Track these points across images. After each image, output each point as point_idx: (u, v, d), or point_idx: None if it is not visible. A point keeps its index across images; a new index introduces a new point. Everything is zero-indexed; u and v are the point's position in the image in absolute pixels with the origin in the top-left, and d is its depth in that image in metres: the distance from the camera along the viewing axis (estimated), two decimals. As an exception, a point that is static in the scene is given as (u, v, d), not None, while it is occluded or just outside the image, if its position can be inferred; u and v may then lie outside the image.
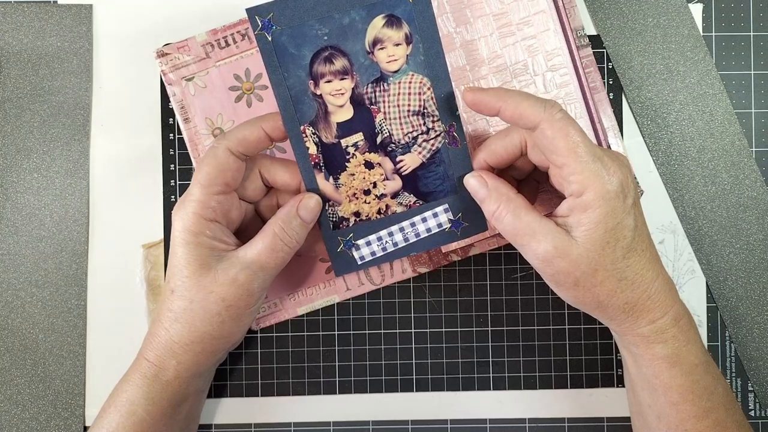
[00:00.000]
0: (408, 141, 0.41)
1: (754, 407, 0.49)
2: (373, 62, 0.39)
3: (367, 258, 0.43)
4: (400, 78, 0.40)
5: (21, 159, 0.48)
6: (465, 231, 0.43)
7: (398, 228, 0.42)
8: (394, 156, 0.41)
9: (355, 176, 0.41)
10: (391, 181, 0.42)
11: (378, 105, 0.40)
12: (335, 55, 0.39)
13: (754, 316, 0.48)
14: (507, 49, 0.45)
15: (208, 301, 0.39)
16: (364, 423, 0.49)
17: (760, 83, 0.49)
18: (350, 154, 0.41)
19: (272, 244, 0.40)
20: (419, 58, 0.39)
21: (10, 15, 0.48)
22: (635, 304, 0.38)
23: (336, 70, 0.39)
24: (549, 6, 0.45)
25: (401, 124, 0.41)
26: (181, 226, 0.39)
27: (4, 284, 0.48)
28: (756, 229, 0.48)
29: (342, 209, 0.42)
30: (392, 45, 0.39)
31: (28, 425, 0.48)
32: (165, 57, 0.47)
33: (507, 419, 0.49)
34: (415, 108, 0.40)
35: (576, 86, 0.45)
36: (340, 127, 0.41)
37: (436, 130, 0.41)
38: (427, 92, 0.40)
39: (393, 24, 0.39)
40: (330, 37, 0.39)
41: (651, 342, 0.39)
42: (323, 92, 0.40)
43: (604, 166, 0.37)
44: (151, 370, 0.40)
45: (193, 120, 0.47)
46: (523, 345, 0.49)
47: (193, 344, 0.40)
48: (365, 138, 0.41)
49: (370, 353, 0.49)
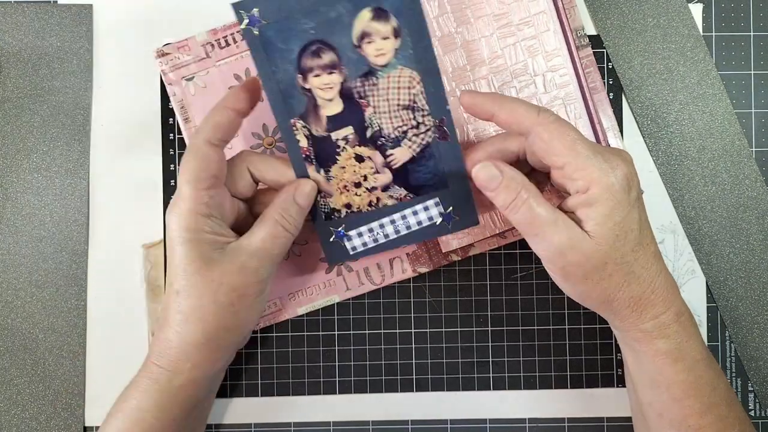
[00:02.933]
0: (398, 135, 0.41)
1: (754, 407, 0.49)
2: (361, 56, 0.39)
3: (359, 248, 0.43)
4: (389, 72, 0.39)
5: (21, 159, 0.48)
6: (456, 224, 0.43)
7: (389, 220, 0.42)
8: (384, 150, 0.41)
9: (345, 169, 0.41)
10: (382, 174, 0.42)
11: (367, 99, 0.40)
12: (323, 49, 0.39)
13: (754, 316, 0.48)
14: (507, 49, 0.45)
15: (218, 294, 0.39)
16: (364, 423, 0.49)
17: (760, 83, 0.49)
18: (341, 147, 0.41)
19: (274, 231, 0.40)
20: (408, 52, 0.39)
21: (10, 15, 0.48)
22: (640, 298, 0.38)
23: (324, 64, 0.39)
24: (549, 6, 0.45)
25: (391, 118, 0.40)
26: (177, 226, 0.39)
27: (4, 284, 0.48)
28: (756, 229, 0.48)
29: (333, 201, 0.42)
30: (380, 39, 0.39)
31: (28, 425, 0.48)
32: (165, 57, 0.47)
33: (507, 419, 0.49)
34: (404, 102, 0.40)
35: (576, 86, 0.45)
36: (330, 121, 0.40)
37: (426, 124, 0.40)
38: (417, 86, 0.40)
39: (380, 17, 0.38)
40: (317, 31, 0.38)
41: (654, 338, 0.39)
42: (312, 86, 0.40)
43: (606, 160, 0.37)
44: (163, 375, 0.40)
45: (193, 120, 0.47)
46: (523, 345, 0.49)
47: (208, 342, 0.39)
48: (355, 131, 0.41)
49: (370, 353, 0.49)
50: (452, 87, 0.46)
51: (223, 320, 0.39)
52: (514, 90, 0.45)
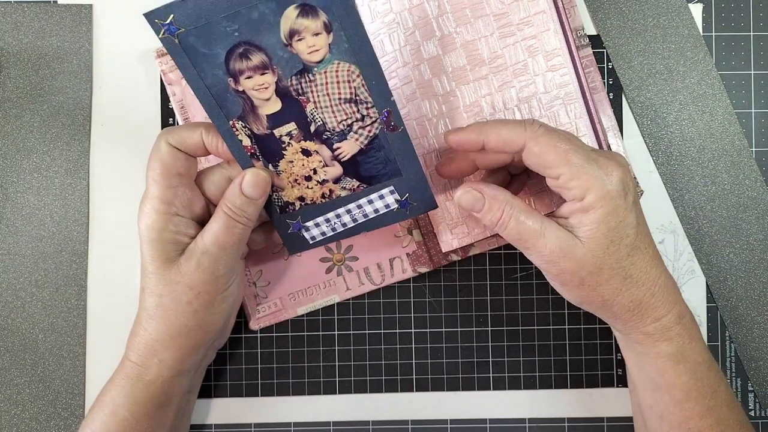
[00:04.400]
0: (343, 128, 0.40)
1: (754, 407, 0.49)
2: (293, 54, 0.37)
3: (318, 238, 0.43)
4: (326, 67, 0.38)
5: (21, 159, 0.48)
6: (414, 210, 0.42)
7: (345, 210, 0.42)
8: (330, 143, 0.40)
9: (294, 163, 0.41)
10: (331, 167, 0.41)
11: (306, 95, 0.39)
12: (250, 50, 0.37)
13: (754, 316, 0.48)
14: (507, 49, 0.45)
15: (176, 293, 0.39)
16: (364, 423, 0.49)
17: (760, 83, 0.49)
18: (285, 143, 0.40)
19: (225, 224, 0.39)
20: (343, 46, 0.37)
21: (10, 15, 0.48)
22: (640, 302, 0.38)
23: (254, 66, 0.38)
24: (549, 6, 0.45)
25: (333, 112, 0.39)
26: (144, 225, 0.39)
27: (4, 284, 0.48)
28: (756, 229, 0.48)
29: (286, 194, 0.42)
30: (311, 35, 0.37)
31: (28, 425, 0.48)
32: (165, 57, 0.47)
33: (507, 419, 0.49)
34: (345, 96, 0.39)
35: (576, 86, 0.45)
36: (270, 119, 0.39)
37: (371, 116, 0.39)
38: (357, 80, 0.38)
39: (308, 13, 0.36)
40: (241, 33, 0.37)
41: (656, 340, 0.39)
42: (245, 88, 0.38)
43: (601, 167, 0.37)
44: (134, 370, 0.41)
45: (193, 120, 0.47)
46: (523, 345, 0.49)
47: (172, 339, 0.40)
48: (298, 127, 0.40)
49: (370, 353, 0.49)
50: (452, 87, 0.46)
51: (184, 319, 0.40)
52: (514, 90, 0.45)
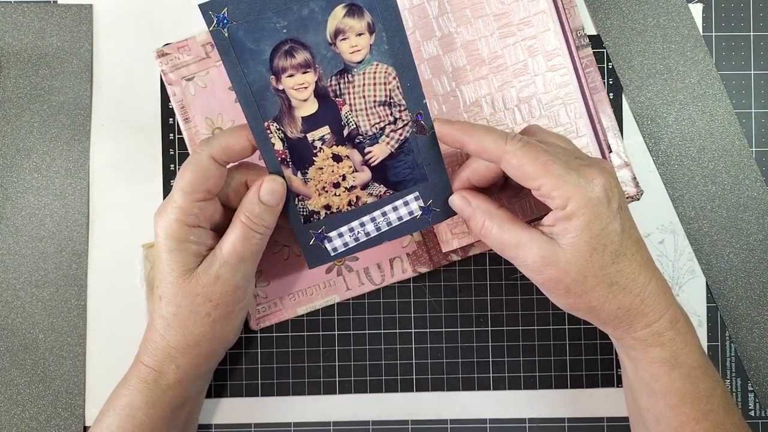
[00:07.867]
0: (375, 132, 0.40)
1: (754, 407, 0.49)
2: (335, 54, 0.38)
3: (339, 249, 0.43)
4: (365, 68, 0.39)
5: (21, 159, 0.48)
6: (435, 216, 0.42)
7: (369, 218, 0.42)
8: (362, 147, 0.41)
9: (323, 170, 0.41)
10: (361, 172, 0.41)
11: (343, 97, 0.39)
12: (296, 48, 0.38)
13: (754, 316, 0.48)
14: (507, 49, 0.45)
15: (195, 304, 0.39)
16: (364, 423, 0.49)
17: (760, 83, 0.49)
18: (317, 148, 0.40)
19: (243, 234, 0.39)
20: (383, 48, 0.38)
21: (10, 15, 0.48)
22: (629, 309, 0.38)
23: (297, 64, 0.38)
24: (549, 6, 0.45)
25: (368, 115, 0.40)
26: (164, 233, 0.39)
27: (4, 284, 0.48)
28: (756, 229, 0.48)
29: (312, 203, 0.41)
30: (354, 35, 0.38)
31: (28, 425, 0.48)
32: (165, 57, 0.47)
33: (507, 419, 0.49)
34: (381, 98, 0.39)
35: (576, 86, 0.45)
36: (305, 122, 0.40)
37: (403, 119, 0.40)
38: (393, 82, 0.39)
39: (354, 13, 0.37)
40: (289, 30, 0.37)
41: (649, 345, 0.39)
42: (286, 87, 0.39)
43: (582, 174, 0.36)
44: (150, 375, 0.41)
45: (193, 120, 0.47)
46: (523, 345, 0.49)
47: (189, 347, 0.40)
48: (332, 131, 0.40)
49: (370, 353, 0.49)
50: (452, 87, 0.46)
51: (203, 329, 0.40)
52: (515, 90, 0.45)
